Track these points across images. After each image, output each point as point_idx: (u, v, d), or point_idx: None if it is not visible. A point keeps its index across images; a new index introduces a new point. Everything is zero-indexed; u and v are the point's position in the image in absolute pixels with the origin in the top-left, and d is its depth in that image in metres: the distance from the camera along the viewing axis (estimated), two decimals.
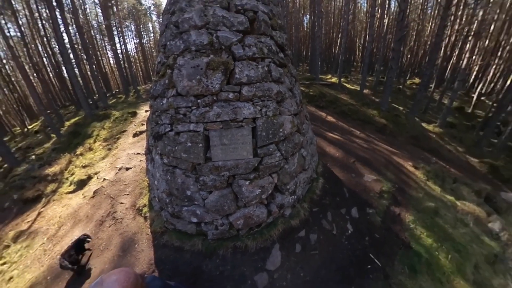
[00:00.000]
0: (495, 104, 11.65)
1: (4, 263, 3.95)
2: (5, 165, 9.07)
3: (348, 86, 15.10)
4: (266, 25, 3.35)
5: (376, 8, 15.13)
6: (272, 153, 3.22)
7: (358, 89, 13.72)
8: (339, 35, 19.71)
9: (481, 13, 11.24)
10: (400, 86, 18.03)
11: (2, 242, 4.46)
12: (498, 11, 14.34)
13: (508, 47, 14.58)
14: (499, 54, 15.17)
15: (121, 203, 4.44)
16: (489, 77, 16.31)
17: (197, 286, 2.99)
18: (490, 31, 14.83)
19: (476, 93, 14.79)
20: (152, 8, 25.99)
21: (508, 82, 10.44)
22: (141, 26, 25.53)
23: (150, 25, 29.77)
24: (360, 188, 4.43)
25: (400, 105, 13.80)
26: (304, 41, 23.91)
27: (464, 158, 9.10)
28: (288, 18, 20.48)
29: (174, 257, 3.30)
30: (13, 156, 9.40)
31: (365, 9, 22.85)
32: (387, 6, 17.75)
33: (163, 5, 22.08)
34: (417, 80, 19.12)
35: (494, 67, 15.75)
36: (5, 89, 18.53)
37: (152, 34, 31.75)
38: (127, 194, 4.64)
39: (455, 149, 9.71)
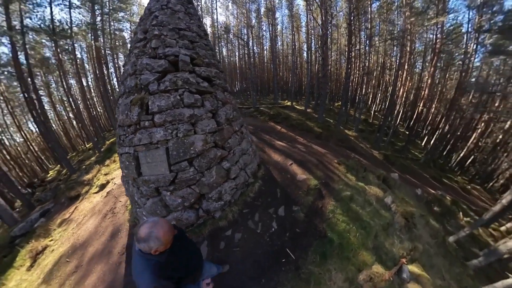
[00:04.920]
0: (382, 117, 11.85)
1: (51, 240, 3.96)
2: (68, 173, 8.99)
3: (298, 107, 14.55)
4: (185, 64, 2.98)
5: (314, 60, 15.34)
6: (184, 169, 2.70)
7: (304, 108, 13.20)
8: (290, 76, 19.44)
9: (367, 63, 11.42)
10: (331, 107, 17.83)
11: (52, 226, 4.36)
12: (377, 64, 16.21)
13: (384, 84, 16.90)
14: (380, 88, 17.31)
15: (120, 201, 4.09)
16: (377, 101, 18.11)
17: None
18: (375, 74, 16.64)
19: (372, 110, 16.13)
20: None
21: (387, 103, 10.74)
22: None
23: None
24: (291, 187, 3.61)
25: (331, 119, 13.39)
26: (271, 80, 23.64)
27: (370, 151, 8.75)
28: (259, 66, 20.16)
29: (134, 243, 2.60)
30: (72, 166, 9.18)
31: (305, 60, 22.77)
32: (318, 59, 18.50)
33: None
34: (340, 103, 19.22)
35: (379, 95, 17.80)
36: (74, 122, 19.10)
37: None
38: (125, 195, 4.04)
39: (365, 146, 9.36)
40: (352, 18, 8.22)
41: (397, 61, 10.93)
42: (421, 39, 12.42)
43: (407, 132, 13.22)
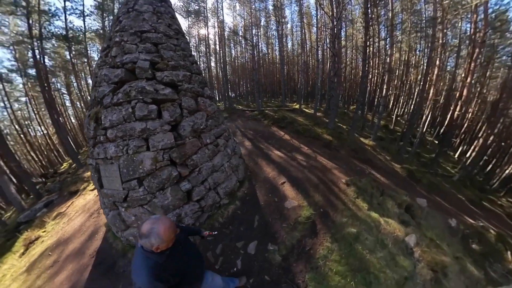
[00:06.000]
0: (407, 123, 10.49)
1: (44, 231, 4.19)
2: (76, 167, 9.52)
3: (307, 110, 13.67)
4: (142, 71, 2.76)
5: (326, 60, 14.38)
6: (134, 188, 2.58)
7: (313, 112, 12.28)
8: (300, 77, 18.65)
9: (388, 59, 10.10)
10: (345, 110, 16.53)
11: (47, 219, 4.57)
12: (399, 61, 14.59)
13: (408, 84, 15.35)
14: (403, 89, 15.76)
15: None
16: (400, 104, 16.53)
17: (111, 275, 2.56)
18: (397, 73, 14.95)
19: (394, 115, 14.55)
20: None
21: (412, 107, 9.62)
22: None
23: None
24: (275, 216, 2.93)
25: (345, 125, 12.32)
26: (279, 82, 23.04)
27: (390, 165, 7.59)
28: (267, 67, 19.70)
29: (106, 250, 2.96)
30: (79, 161, 9.68)
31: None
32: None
33: None
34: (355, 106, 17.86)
35: (402, 97, 16.22)
36: None
37: None
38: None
39: (384, 158, 8.19)
40: (369, 5, 7.26)
41: (426, 56, 9.59)
42: (453, 30, 10.83)
43: (437, 142, 11.56)
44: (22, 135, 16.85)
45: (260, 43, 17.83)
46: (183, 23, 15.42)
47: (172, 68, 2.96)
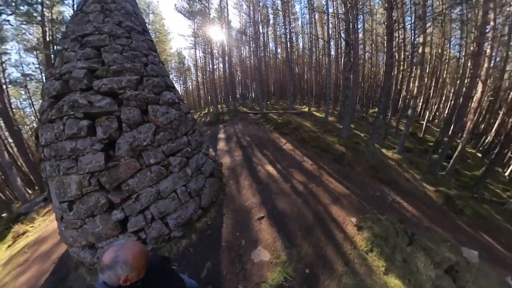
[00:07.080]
0: (442, 131, 8.66)
1: (32, 226, 4.30)
2: None
3: (317, 114, 12.39)
4: (76, 81, 2.46)
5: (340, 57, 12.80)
6: (65, 210, 2.37)
7: (324, 116, 10.99)
8: (307, 80, 17.26)
9: (420, 49, 8.32)
10: (364, 114, 14.79)
11: (36, 215, 4.67)
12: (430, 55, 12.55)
13: (441, 83, 13.56)
14: (436, 88, 13.95)
15: None
16: (433, 107, 14.71)
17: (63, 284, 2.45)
18: (427, 70, 12.92)
19: (424, 120, 12.54)
20: (191, 66, 26.33)
21: (449, 110, 7.77)
22: (186, 77, 29.01)
23: (192, 76, 30.02)
24: (234, 269, 2.06)
25: (363, 132, 10.87)
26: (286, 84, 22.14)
27: (421, 187, 6.05)
28: (275, 67, 18.76)
29: (66, 259, 2.86)
30: None
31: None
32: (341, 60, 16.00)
33: (199, 61, 21.45)
34: (376, 110, 16.01)
35: (433, 98, 14.38)
36: None
37: (194, 82, 31.90)
38: None
39: (412, 177, 6.62)
40: None
41: (464, 45, 7.73)
42: (502, 13, 8.80)
43: (480, 155, 9.41)
44: None
45: (269, 42, 16.99)
46: (190, 24, 15.24)
47: (114, 73, 2.58)
